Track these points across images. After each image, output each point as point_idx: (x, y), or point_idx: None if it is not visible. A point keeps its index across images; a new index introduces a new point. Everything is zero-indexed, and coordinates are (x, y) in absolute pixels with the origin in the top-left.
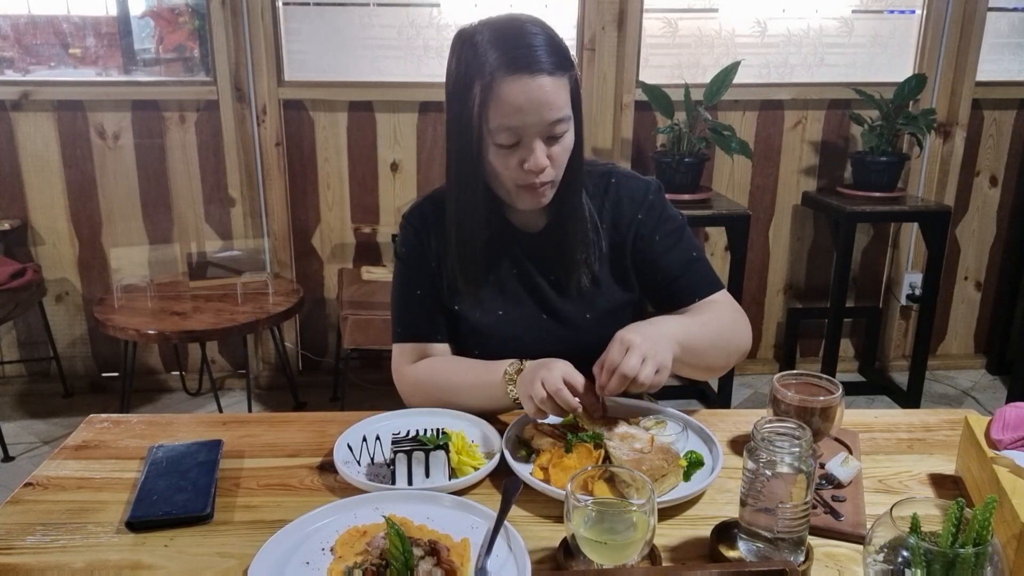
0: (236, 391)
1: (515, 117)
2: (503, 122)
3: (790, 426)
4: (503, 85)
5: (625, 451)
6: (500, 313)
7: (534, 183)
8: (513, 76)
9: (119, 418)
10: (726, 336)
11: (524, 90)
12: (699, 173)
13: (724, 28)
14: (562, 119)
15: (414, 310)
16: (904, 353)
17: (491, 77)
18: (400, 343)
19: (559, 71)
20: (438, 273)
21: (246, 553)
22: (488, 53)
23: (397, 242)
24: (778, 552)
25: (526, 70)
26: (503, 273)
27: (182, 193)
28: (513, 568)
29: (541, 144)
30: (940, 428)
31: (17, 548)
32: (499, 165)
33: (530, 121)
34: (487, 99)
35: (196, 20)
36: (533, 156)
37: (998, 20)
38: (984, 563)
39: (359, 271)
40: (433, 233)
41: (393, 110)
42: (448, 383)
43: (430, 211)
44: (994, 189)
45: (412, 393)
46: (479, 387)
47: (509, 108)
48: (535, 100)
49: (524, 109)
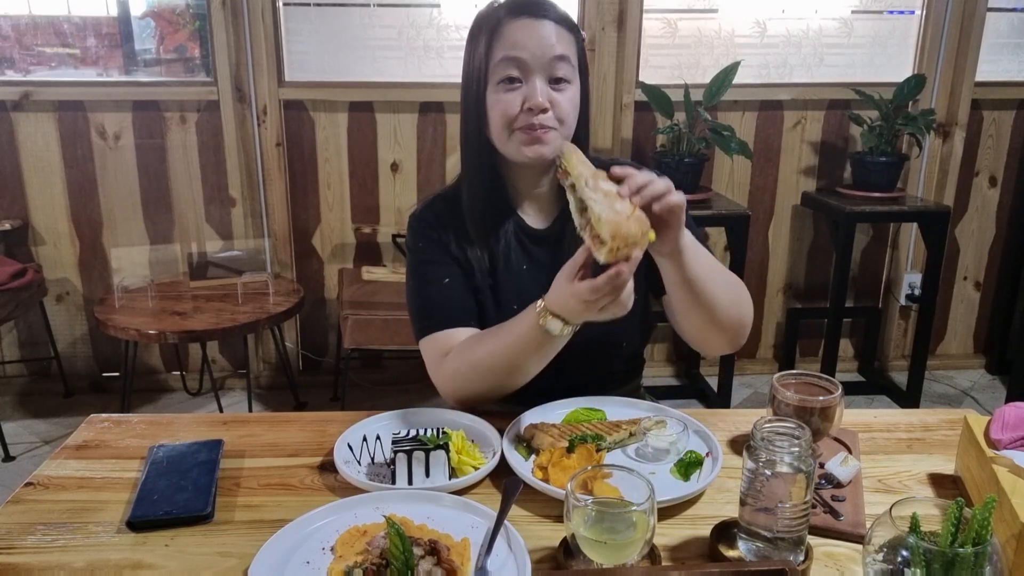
0: (236, 391)
1: (515, 49)
2: (505, 53)
3: (790, 426)
4: (507, 25)
5: (606, 209)
6: (515, 308)
7: (533, 123)
8: (519, 18)
9: (120, 418)
10: (734, 285)
11: (527, 28)
12: (699, 173)
13: (724, 28)
14: (564, 57)
15: (441, 299)
16: (903, 353)
17: (497, 21)
18: (428, 335)
19: (564, 25)
20: (461, 267)
21: (247, 553)
22: (499, 9)
23: (409, 240)
24: (778, 552)
25: (531, 14)
26: (515, 268)
27: (183, 193)
28: (513, 568)
29: (543, 82)
30: (939, 428)
31: (18, 548)
32: (498, 108)
33: (530, 54)
34: (492, 41)
35: (197, 21)
36: (533, 91)
37: (997, 20)
38: (983, 563)
39: (359, 271)
40: (451, 229)
41: (393, 110)
42: (487, 356)
43: (443, 208)
44: (993, 189)
45: (453, 386)
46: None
47: (510, 42)
48: (537, 36)
49: (525, 44)
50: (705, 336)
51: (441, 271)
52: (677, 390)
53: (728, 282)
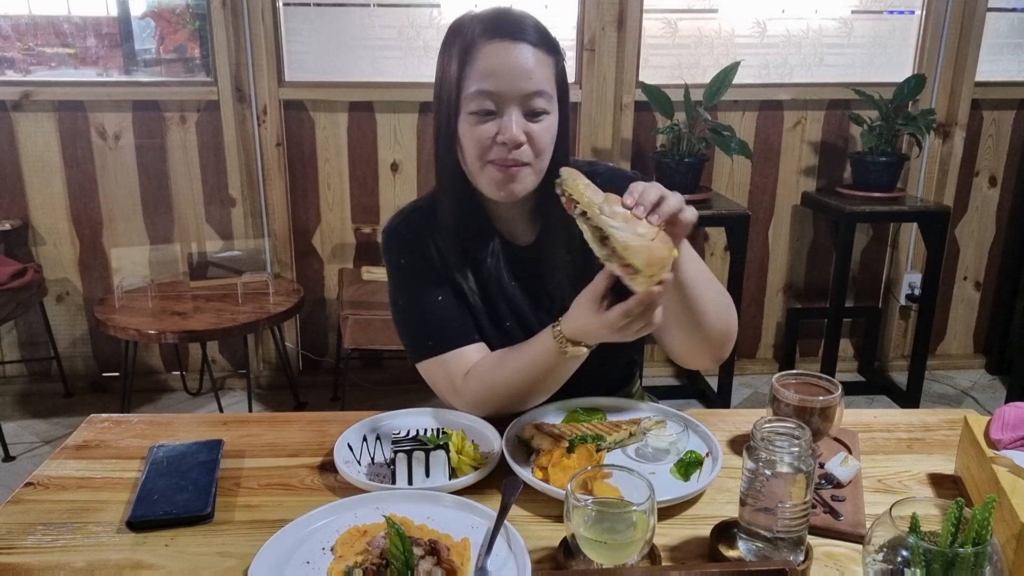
0: (237, 391)
1: (490, 80)
2: (478, 86)
3: (790, 426)
4: (482, 49)
5: (631, 236)
6: (507, 324)
7: (506, 159)
8: (494, 40)
9: (120, 418)
10: (723, 294)
11: (503, 54)
12: (699, 173)
13: (724, 28)
14: (541, 93)
15: (441, 317)
16: (903, 353)
17: (471, 41)
18: (435, 356)
19: (543, 48)
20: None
21: (247, 553)
22: (474, 24)
23: (389, 255)
24: (778, 552)
25: (508, 36)
26: (504, 286)
27: (183, 193)
28: (513, 568)
29: (519, 114)
30: (939, 428)
31: (18, 548)
32: (471, 138)
33: (505, 87)
34: (465, 63)
35: (197, 21)
36: (508, 125)
37: (997, 20)
38: (983, 563)
39: (359, 271)
40: (431, 245)
41: (393, 110)
42: (505, 381)
43: (420, 222)
44: (993, 189)
45: (474, 409)
46: (534, 362)
47: (484, 71)
48: (513, 66)
49: (499, 73)
50: (690, 348)
51: (432, 287)
52: (677, 390)
53: (718, 291)
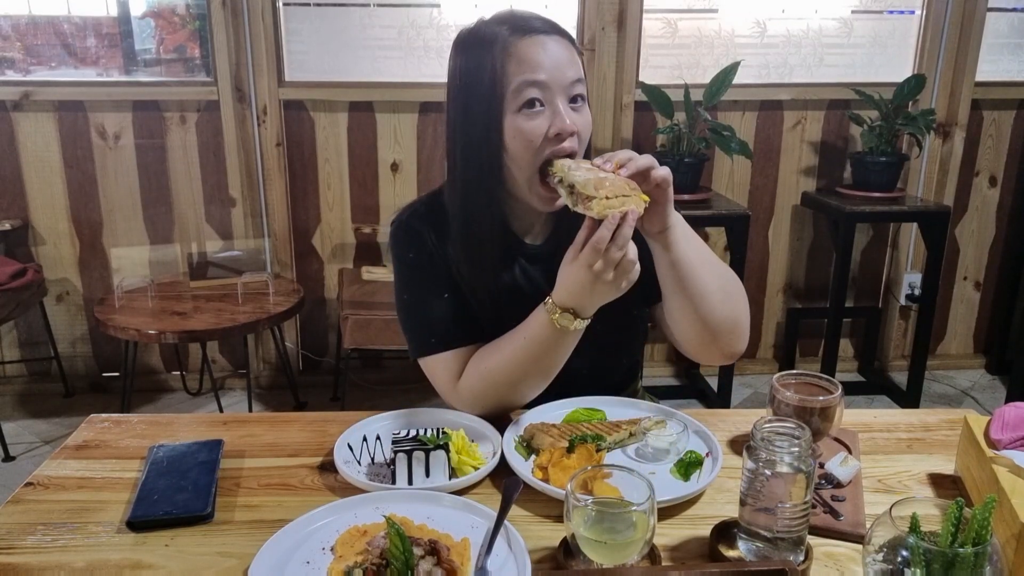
0: (236, 391)
1: (537, 71)
2: (526, 77)
3: (790, 426)
4: (519, 45)
5: (590, 176)
6: (516, 323)
7: (557, 151)
8: (528, 36)
9: (120, 418)
10: (728, 279)
11: (542, 46)
12: (699, 173)
13: (724, 28)
14: (581, 80)
15: (445, 315)
16: (903, 353)
17: (504, 44)
18: (436, 354)
19: (568, 39)
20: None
21: (247, 553)
22: (498, 30)
23: (396, 249)
24: (778, 552)
25: (540, 31)
26: (523, 292)
27: (183, 193)
28: (513, 568)
29: (565, 104)
30: (939, 428)
31: (18, 548)
32: (522, 136)
33: (551, 77)
34: (504, 63)
35: (197, 21)
36: (561, 116)
37: (997, 20)
38: (983, 563)
39: (359, 271)
40: (439, 237)
41: (393, 110)
42: (501, 366)
43: (431, 217)
44: (993, 189)
45: (472, 405)
46: (530, 341)
47: (530, 64)
48: (554, 55)
49: (544, 64)
50: (697, 338)
51: (439, 284)
52: (677, 390)
53: (721, 274)
